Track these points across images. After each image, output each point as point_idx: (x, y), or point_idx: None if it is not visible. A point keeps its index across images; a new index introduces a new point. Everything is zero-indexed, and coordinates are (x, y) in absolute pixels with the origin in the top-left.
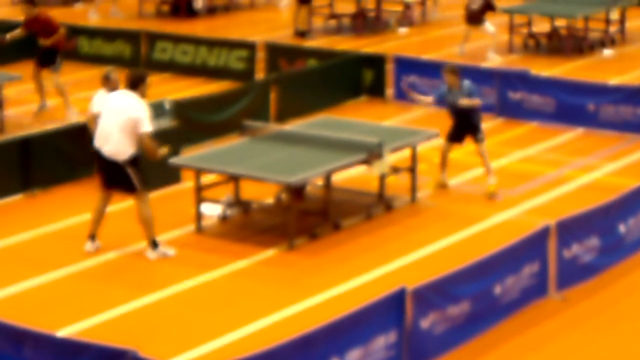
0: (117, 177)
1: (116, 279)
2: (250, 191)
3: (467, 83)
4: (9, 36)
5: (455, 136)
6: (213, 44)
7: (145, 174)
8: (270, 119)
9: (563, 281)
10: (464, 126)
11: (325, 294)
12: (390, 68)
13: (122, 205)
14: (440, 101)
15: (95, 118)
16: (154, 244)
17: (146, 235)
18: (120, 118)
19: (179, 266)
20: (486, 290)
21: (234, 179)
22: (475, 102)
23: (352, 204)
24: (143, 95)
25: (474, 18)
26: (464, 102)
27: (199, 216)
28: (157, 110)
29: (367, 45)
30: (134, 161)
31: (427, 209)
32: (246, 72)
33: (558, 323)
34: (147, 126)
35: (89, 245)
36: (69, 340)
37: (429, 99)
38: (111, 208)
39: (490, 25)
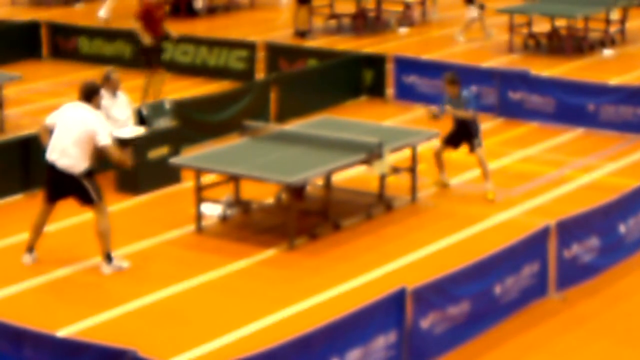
0: (73, 190)
1: (116, 278)
2: (250, 191)
3: (465, 93)
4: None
5: (451, 141)
6: (213, 44)
7: (99, 186)
8: (270, 119)
9: (563, 281)
10: (462, 133)
11: (325, 294)
12: (390, 68)
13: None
14: (442, 112)
15: (47, 129)
16: (109, 258)
17: (101, 249)
18: (76, 131)
19: (179, 266)
20: (486, 290)
21: (234, 179)
22: (468, 114)
23: (352, 204)
24: (97, 107)
25: None
26: (451, 110)
27: (199, 216)
28: (157, 110)
29: (367, 45)
30: (90, 173)
31: (427, 209)
32: (246, 72)
33: (558, 323)
34: (106, 138)
35: (26, 258)
36: (69, 340)
37: (435, 110)
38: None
39: (473, 10)
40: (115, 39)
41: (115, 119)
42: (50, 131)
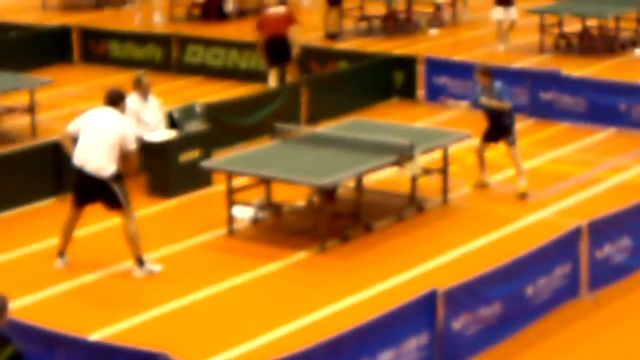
0: (101, 194)
1: (148, 281)
2: (281, 194)
3: (498, 85)
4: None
5: (489, 137)
6: (244, 47)
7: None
8: (301, 122)
9: (595, 282)
10: (497, 127)
11: (356, 296)
12: (421, 69)
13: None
14: (476, 104)
15: (70, 137)
16: (140, 262)
17: (132, 253)
18: (107, 135)
19: (211, 269)
20: (518, 292)
21: (266, 181)
22: (504, 105)
23: (384, 206)
24: (122, 112)
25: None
26: (485, 101)
27: (230, 219)
28: (188, 113)
29: (398, 47)
30: (118, 177)
31: (459, 210)
32: None
33: (590, 324)
34: (133, 143)
35: (58, 262)
36: (101, 344)
37: (465, 103)
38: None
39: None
40: (145, 42)
41: (146, 122)
42: (73, 139)
